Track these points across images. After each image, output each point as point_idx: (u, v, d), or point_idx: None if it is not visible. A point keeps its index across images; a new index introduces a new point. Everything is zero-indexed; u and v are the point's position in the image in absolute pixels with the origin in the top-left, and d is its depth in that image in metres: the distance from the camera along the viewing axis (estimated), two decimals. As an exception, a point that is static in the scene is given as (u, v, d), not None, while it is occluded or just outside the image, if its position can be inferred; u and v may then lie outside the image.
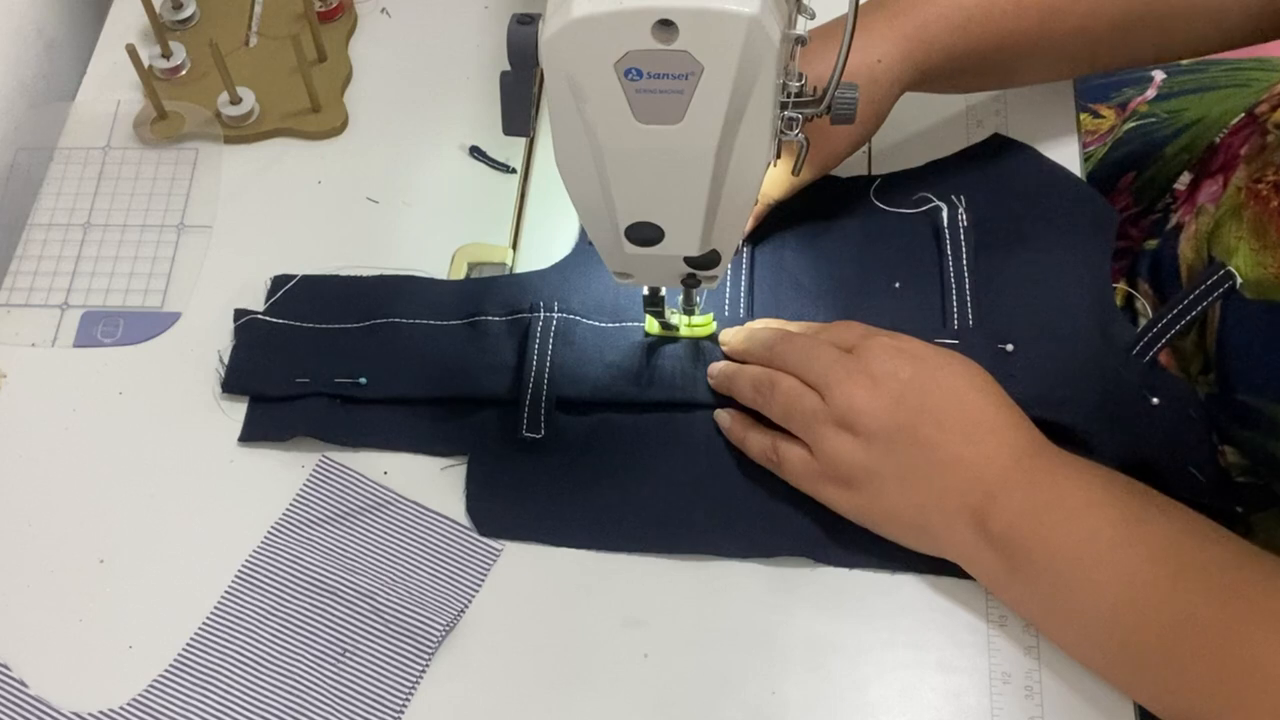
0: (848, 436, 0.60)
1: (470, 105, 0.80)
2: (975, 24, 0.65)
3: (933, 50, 0.65)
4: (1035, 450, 0.59)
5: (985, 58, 0.67)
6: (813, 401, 0.61)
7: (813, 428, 0.61)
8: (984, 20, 0.65)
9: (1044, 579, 0.56)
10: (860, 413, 0.59)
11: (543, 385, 0.66)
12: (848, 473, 0.60)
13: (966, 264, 0.69)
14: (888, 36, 0.64)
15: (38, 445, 0.68)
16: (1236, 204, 0.66)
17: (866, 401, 0.59)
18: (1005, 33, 0.66)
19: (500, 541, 0.64)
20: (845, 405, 0.59)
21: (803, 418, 0.61)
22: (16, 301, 0.73)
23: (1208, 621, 0.53)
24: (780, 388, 0.62)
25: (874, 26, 0.65)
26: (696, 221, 0.54)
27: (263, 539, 0.64)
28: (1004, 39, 0.66)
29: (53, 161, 0.78)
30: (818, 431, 0.60)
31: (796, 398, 0.61)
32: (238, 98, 0.77)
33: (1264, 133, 0.68)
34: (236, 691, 0.60)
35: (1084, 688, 0.59)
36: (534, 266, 0.72)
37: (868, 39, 0.64)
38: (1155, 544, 0.55)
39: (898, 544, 0.61)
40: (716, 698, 0.60)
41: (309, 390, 0.67)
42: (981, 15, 0.65)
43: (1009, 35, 0.66)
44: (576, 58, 0.47)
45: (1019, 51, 0.67)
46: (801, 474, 0.62)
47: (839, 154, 0.68)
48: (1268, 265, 0.62)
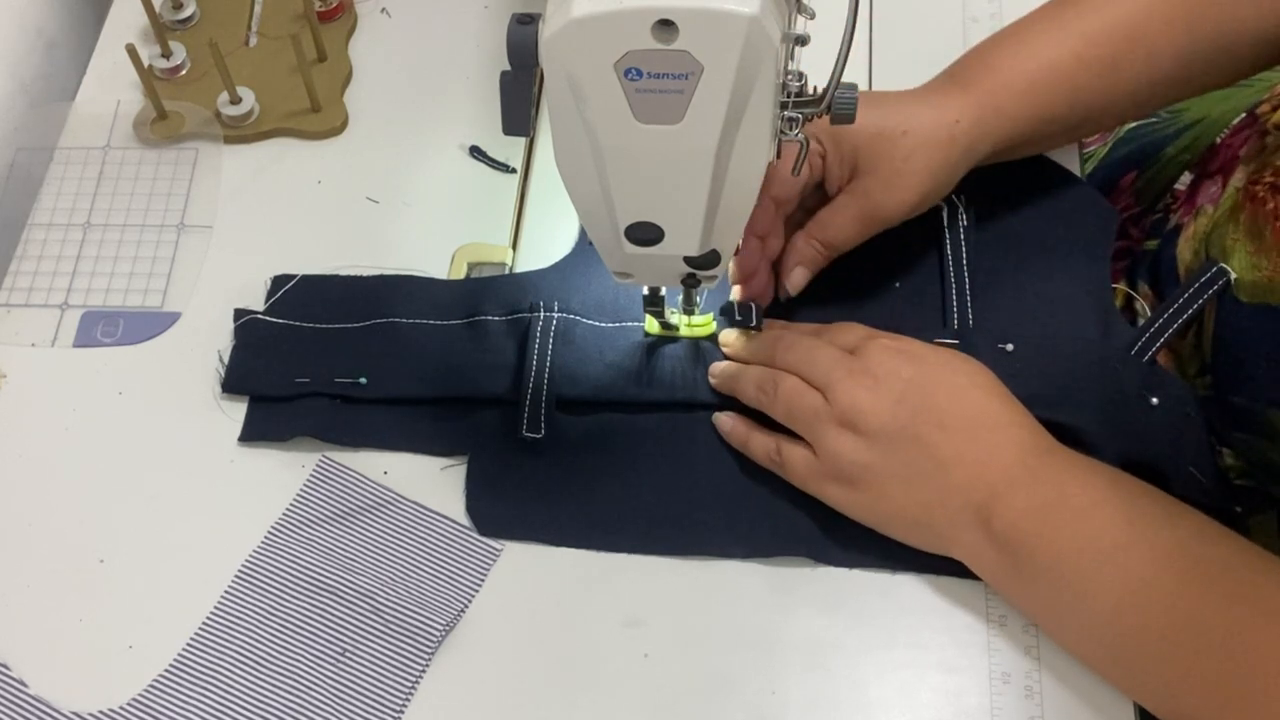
0: (850, 435, 0.60)
1: (470, 105, 0.80)
2: (1041, 87, 0.65)
3: (1003, 117, 0.65)
4: (1040, 448, 0.59)
5: (1055, 119, 0.67)
6: (815, 401, 0.61)
7: (815, 427, 0.61)
8: (1050, 82, 0.65)
9: (1047, 577, 0.56)
10: (863, 411, 0.59)
11: (543, 385, 0.66)
12: (851, 471, 0.60)
13: (966, 264, 0.69)
14: (963, 103, 0.65)
15: (38, 445, 0.68)
16: (1234, 205, 0.66)
17: (869, 400, 0.59)
18: (1073, 89, 0.66)
19: (500, 541, 0.64)
20: (848, 404, 0.59)
21: (806, 417, 0.61)
22: (16, 301, 0.73)
23: (1212, 623, 0.53)
24: (783, 388, 0.62)
25: (949, 92, 0.65)
26: (696, 221, 0.54)
27: (263, 539, 0.64)
28: (1074, 96, 0.66)
29: (53, 161, 0.78)
30: (820, 431, 0.60)
31: (799, 397, 0.61)
32: (238, 98, 0.77)
33: (1264, 133, 0.68)
34: (236, 691, 0.60)
35: (1084, 688, 0.59)
36: (534, 266, 0.72)
37: (944, 101, 0.65)
38: (1160, 544, 0.55)
39: (898, 544, 0.61)
40: (716, 698, 0.60)
41: (309, 390, 0.67)
42: (1046, 78, 0.65)
43: (1077, 92, 0.66)
44: (576, 58, 0.47)
45: (1090, 106, 0.67)
46: (805, 474, 0.62)
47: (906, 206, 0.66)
48: (1263, 268, 0.62)
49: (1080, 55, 0.65)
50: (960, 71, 0.67)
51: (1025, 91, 0.65)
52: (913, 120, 0.64)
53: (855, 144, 0.64)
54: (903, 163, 0.64)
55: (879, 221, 0.66)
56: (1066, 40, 0.66)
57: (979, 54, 0.68)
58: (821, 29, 0.51)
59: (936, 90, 0.66)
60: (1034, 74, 0.65)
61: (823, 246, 0.66)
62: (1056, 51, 0.65)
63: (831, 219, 0.66)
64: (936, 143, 0.64)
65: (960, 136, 0.64)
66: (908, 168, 0.64)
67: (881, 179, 0.64)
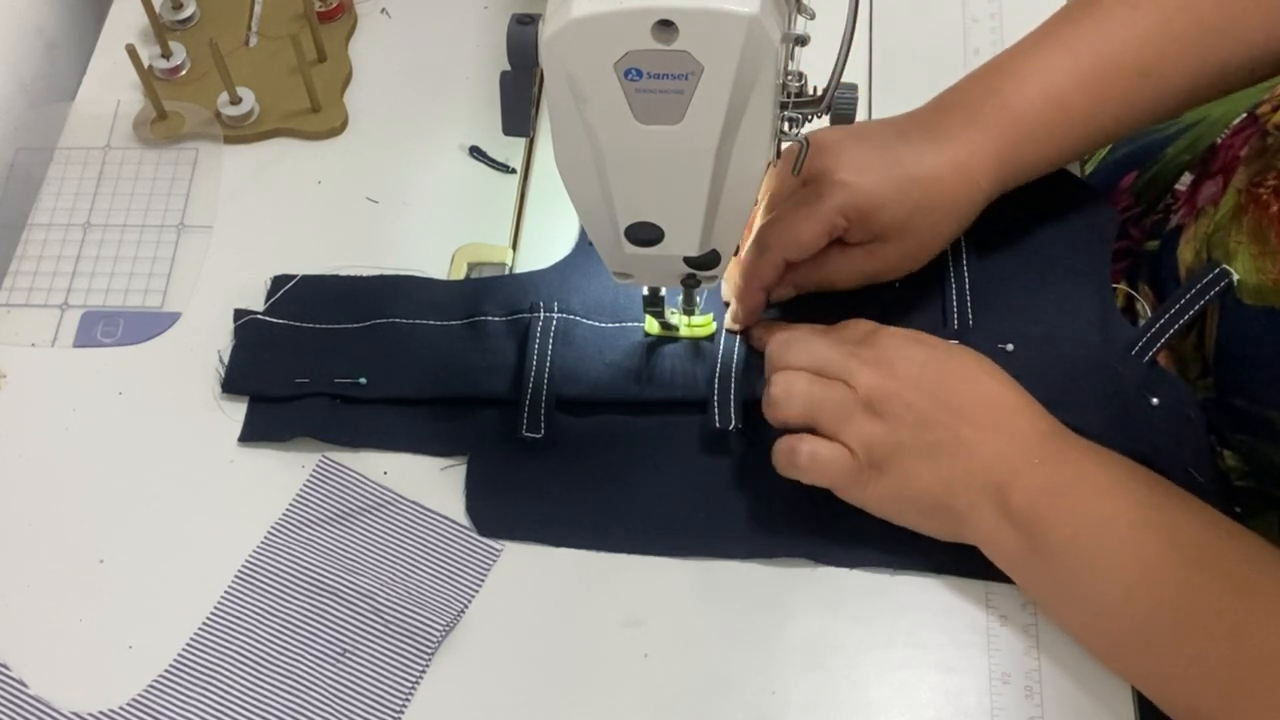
0: (878, 420, 0.59)
1: (470, 105, 0.80)
2: (1058, 124, 0.65)
3: (1021, 164, 0.65)
4: (1056, 432, 0.59)
5: (1069, 152, 0.67)
6: (840, 391, 0.60)
7: (843, 416, 0.60)
8: (1066, 119, 0.65)
9: (1061, 557, 0.57)
10: (885, 395, 0.59)
11: (543, 385, 0.66)
12: (881, 455, 0.60)
13: (966, 264, 0.69)
14: (984, 155, 0.64)
15: (38, 445, 0.68)
16: (1236, 207, 0.66)
17: (890, 384, 0.59)
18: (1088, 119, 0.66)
19: (500, 541, 0.64)
20: (871, 388, 0.59)
21: (833, 408, 0.60)
22: (16, 301, 0.73)
23: (1222, 611, 0.53)
24: (796, 387, 0.61)
25: (970, 139, 0.64)
26: (696, 221, 0.54)
27: (263, 539, 0.64)
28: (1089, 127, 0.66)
29: (53, 161, 0.78)
30: (849, 419, 0.60)
31: (820, 391, 0.61)
32: (238, 98, 0.77)
33: (1264, 134, 0.68)
34: (236, 691, 0.60)
35: (1084, 688, 0.59)
36: (534, 266, 0.72)
37: (968, 157, 0.64)
38: (1175, 531, 0.55)
39: (898, 543, 0.61)
40: (716, 698, 0.60)
41: (309, 390, 0.67)
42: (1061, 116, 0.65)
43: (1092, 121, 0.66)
44: (576, 58, 0.47)
45: (1108, 133, 0.67)
46: (844, 472, 0.60)
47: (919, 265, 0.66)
48: (1268, 271, 0.62)
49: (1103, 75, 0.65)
50: (977, 106, 0.65)
51: (1042, 136, 0.65)
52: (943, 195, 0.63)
53: (883, 222, 0.63)
54: (929, 237, 0.65)
55: (887, 278, 0.67)
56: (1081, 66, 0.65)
57: (991, 86, 0.66)
58: (821, 29, 0.51)
59: (957, 136, 0.64)
60: (1051, 110, 0.65)
61: (818, 286, 0.67)
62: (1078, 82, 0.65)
63: (839, 270, 0.66)
64: (962, 215, 0.65)
65: (981, 196, 0.65)
66: (931, 240, 0.65)
67: (903, 250, 0.65)
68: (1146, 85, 0.65)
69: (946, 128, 0.64)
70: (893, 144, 0.64)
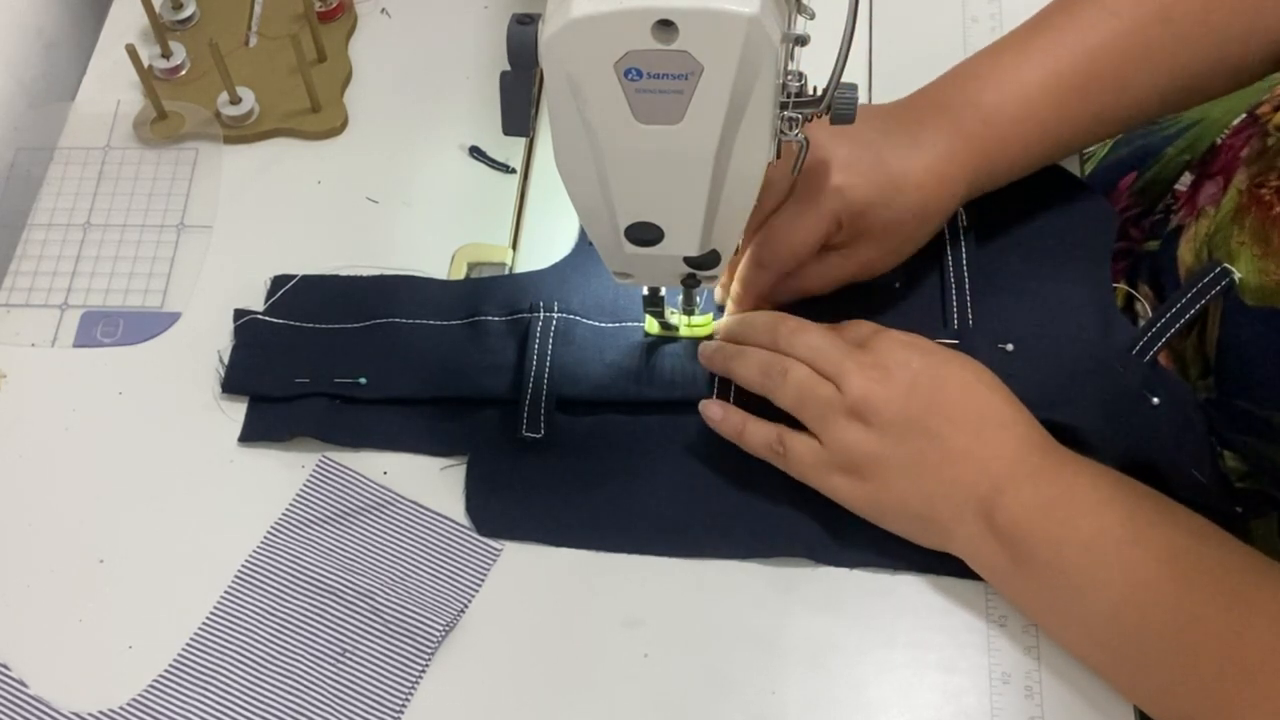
0: (860, 426, 0.60)
1: (470, 105, 0.80)
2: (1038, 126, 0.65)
3: (998, 162, 0.65)
4: (1045, 447, 0.59)
5: (1042, 159, 0.67)
6: (828, 391, 0.60)
7: (826, 417, 0.60)
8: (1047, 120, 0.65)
9: (1049, 574, 0.57)
10: (875, 403, 0.59)
11: (542, 385, 0.66)
12: (859, 461, 0.60)
13: (966, 264, 0.69)
14: (964, 158, 0.64)
15: (38, 445, 0.68)
16: (1238, 208, 0.66)
17: (881, 392, 0.59)
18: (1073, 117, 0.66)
19: (500, 541, 0.64)
20: (859, 394, 0.59)
21: (817, 406, 0.61)
22: (16, 301, 0.73)
23: (1212, 624, 0.53)
24: (794, 375, 0.62)
25: (953, 145, 0.64)
26: (696, 221, 0.54)
27: (262, 539, 0.64)
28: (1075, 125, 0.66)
29: (53, 161, 0.78)
30: (831, 420, 0.60)
31: (811, 386, 0.61)
32: (237, 98, 0.77)
33: (1265, 134, 0.68)
34: (236, 691, 0.60)
35: (1084, 688, 0.59)
36: (534, 266, 0.72)
37: (948, 162, 0.64)
38: (1163, 545, 0.55)
39: (898, 543, 0.61)
40: (716, 698, 0.60)
41: (309, 390, 0.67)
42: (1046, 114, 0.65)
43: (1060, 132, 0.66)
44: (576, 58, 0.47)
45: (1093, 132, 0.67)
46: (810, 464, 0.61)
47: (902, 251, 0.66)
48: (1270, 272, 0.62)
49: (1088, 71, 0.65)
50: (956, 112, 0.65)
51: (1016, 147, 0.65)
52: (925, 200, 0.63)
53: (868, 223, 0.64)
54: (905, 240, 0.65)
55: (861, 280, 0.67)
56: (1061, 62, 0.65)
57: (970, 95, 0.66)
58: (821, 29, 0.51)
59: (938, 143, 0.64)
60: (1025, 122, 0.65)
61: (794, 295, 0.67)
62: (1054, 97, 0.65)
63: (816, 275, 0.66)
64: (938, 220, 0.65)
65: (955, 203, 0.65)
66: (907, 243, 0.66)
67: (881, 251, 0.65)
68: (1122, 95, 0.65)
69: (928, 132, 0.64)
70: (878, 144, 0.64)
